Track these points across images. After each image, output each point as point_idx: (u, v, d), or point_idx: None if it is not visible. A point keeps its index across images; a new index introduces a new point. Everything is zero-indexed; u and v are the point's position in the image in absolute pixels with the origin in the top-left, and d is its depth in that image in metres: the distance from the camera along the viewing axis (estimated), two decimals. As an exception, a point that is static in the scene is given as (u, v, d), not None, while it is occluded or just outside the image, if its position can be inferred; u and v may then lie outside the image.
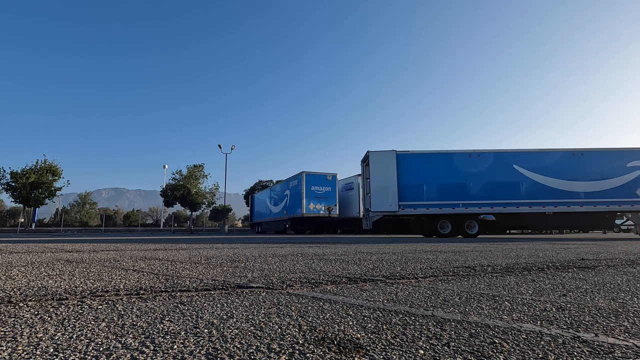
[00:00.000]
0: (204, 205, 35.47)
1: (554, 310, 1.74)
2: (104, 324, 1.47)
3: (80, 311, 1.69)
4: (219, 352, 1.15)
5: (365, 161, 17.67)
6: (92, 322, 1.49)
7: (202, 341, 1.25)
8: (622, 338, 1.31)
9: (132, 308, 1.76)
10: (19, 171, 30.48)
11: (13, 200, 31.53)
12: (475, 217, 16.67)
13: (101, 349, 1.17)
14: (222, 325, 1.46)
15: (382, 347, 1.20)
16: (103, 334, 1.33)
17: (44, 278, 2.74)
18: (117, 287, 2.33)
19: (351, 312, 1.68)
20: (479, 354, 1.14)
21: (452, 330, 1.39)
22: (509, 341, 1.26)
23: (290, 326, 1.45)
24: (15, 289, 2.25)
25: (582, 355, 1.13)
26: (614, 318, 1.59)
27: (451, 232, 16.63)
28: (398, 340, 1.27)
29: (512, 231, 25.24)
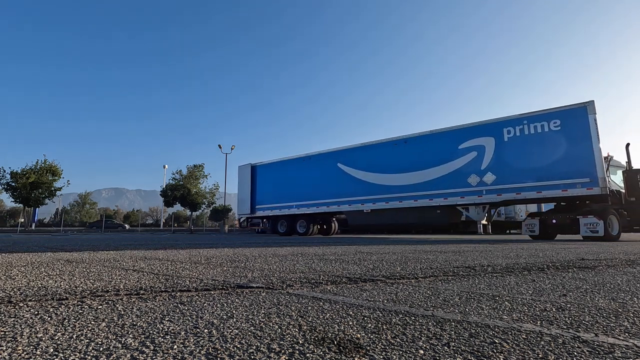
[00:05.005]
0: (204, 205, 35.43)
1: (554, 310, 1.74)
2: (104, 324, 1.47)
3: (80, 311, 1.69)
4: (219, 352, 1.15)
5: None
6: (92, 322, 1.49)
7: (202, 341, 1.25)
8: (622, 338, 1.31)
9: (132, 308, 1.76)
10: (19, 171, 30.46)
11: (13, 200, 31.51)
12: (307, 217, 17.47)
13: (101, 349, 1.18)
14: (222, 325, 1.46)
15: (382, 347, 1.20)
16: (103, 334, 1.33)
17: (44, 278, 2.74)
18: (117, 287, 2.33)
19: (351, 312, 1.68)
20: (479, 354, 1.14)
21: (452, 330, 1.39)
22: (509, 341, 1.26)
23: (290, 326, 1.45)
24: (15, 289, 2.25)
25: (582, 355, 1.13)
26: (614, 318, 1.59)
27: (287, 231, 18.02)
28: (398, 340, 1.27)
29: (510, 232, 24.69)
